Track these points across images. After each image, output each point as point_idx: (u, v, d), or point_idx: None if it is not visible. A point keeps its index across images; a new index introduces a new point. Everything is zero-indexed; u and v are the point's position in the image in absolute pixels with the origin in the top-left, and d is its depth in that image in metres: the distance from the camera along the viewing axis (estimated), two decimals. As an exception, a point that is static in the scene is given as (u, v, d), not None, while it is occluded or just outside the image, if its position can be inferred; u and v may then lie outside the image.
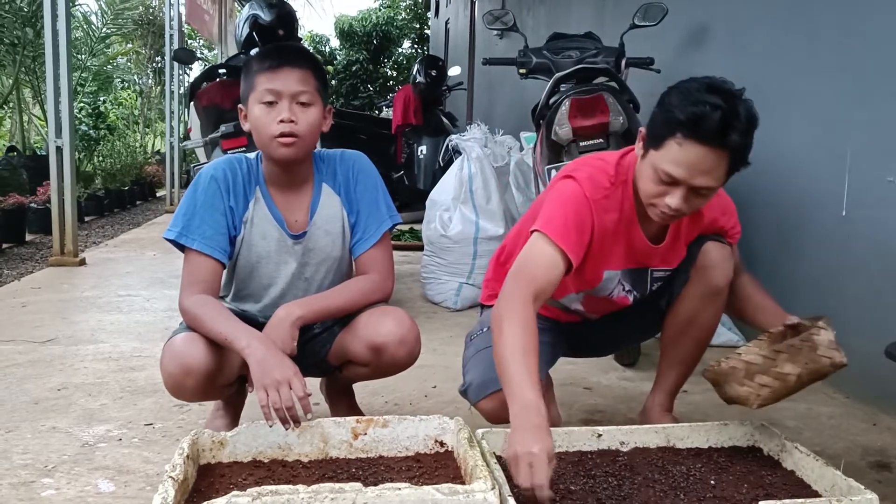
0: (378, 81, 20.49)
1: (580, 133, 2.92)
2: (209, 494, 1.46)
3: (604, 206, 1.76)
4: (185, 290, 1.82)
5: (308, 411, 1.64)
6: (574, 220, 1.71)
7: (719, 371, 1.73)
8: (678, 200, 1.63)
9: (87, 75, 9.94)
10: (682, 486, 1.58)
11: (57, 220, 4.80)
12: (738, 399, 1.71)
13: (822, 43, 2.81)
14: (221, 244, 1.86)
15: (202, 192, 1.86)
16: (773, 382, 1.65)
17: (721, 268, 1.87)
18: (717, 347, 2.91)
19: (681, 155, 1.58)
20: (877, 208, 2.51)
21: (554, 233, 1.69)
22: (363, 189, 1.97)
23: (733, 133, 1.55)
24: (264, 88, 1.81)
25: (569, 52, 3.35)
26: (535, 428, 1.43)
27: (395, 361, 1.91)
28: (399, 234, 5.98)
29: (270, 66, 1.82)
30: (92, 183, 8.47)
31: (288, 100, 1.81)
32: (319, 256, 1.95)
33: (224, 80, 3.84)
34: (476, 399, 1.83)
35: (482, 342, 1.93)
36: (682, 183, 1.61)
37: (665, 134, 1.60)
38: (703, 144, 1.56)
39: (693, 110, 1.55)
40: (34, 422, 2.22)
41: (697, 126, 1.55)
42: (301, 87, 1.82)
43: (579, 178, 1.76)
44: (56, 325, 3.37)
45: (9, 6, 7.63)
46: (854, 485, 1.47)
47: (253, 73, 1.85)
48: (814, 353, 1.63)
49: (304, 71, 1.84)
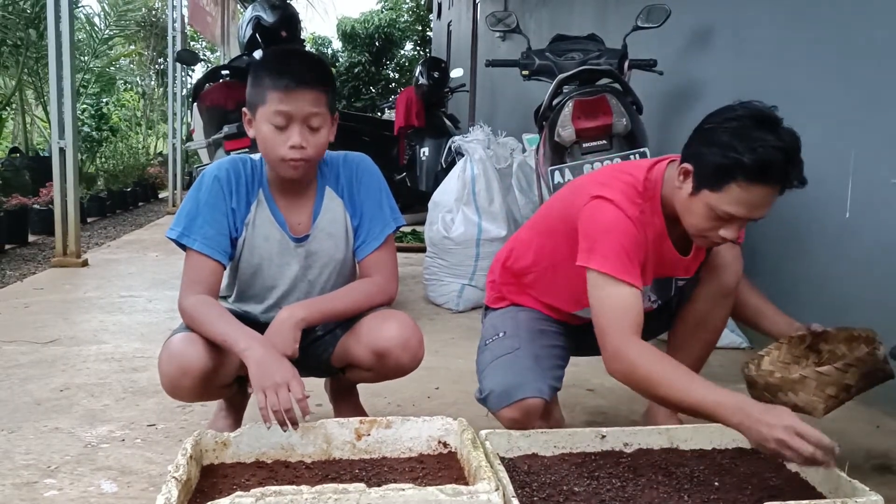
0: (380, 83, 20.51)
1: (583, 135, 2.92)
2: (212, 495, 1.46)
3: (641, 222, 1.75)
4: (184, 290, 1.82)
5: (307, 413, 1.63)
6: (628, 246, 1.70)
7: (786, 379, 1.72)
8: (734, 232, 1.66)
9: (90, 77, 9.97)
10: (686, 487, 1.58)
11: (59, 221, 4.80)
12: (805, 407, 1.70)
13: (826, 45, 2.81)
14: (223, 245, 1.85)
15: (205, 192, 1.86)
16: (839, 393, 1.68)
17: (732, 267, 1.90)
18: (722, 349, 2.90)
19: (744, 197, 1.58)
20: (880, 210, 2.51)
21: (617, 270, 1.68)
22: (366, 192, 1.97)
23: (795, 171, 1.57)
24: (276, 110, 1.76)
25: (572, 54, 3.35)
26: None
27: (399, 366, 1.90)
28: (401, 236, 5.98)
29: (286, 87, 1.75)
30: (94, 184, 8.48)
31: (299, 123, 1.77)
32: (322, 259, 1.95)
33: (227, 82, 3.84)
34: (498, 407, 1.81)
35: (499, 348, 1.91)
36: (741, 219, 1.63)
37: (725, 178, 1.59)
38: (769, 186, 1.57)
39: (757, 157, 1.54)
40: (37, 422, 2.22)
41: (764, 171, 1.55)
42: (313, 110, 1.78)
43: (615, 199, 1.73)
44: (58, 325, 3.37)
45: (12, 7, 7.65)
46: (859, 486, 1.47)
47: (265, 86, 1.77)
48: (875, 366, 1.69)
49: (317, 92, 1.78)
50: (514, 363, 1.84)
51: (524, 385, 1.78)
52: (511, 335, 1.91)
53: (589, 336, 2.07)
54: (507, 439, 1.71)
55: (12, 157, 7.97)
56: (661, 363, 1.59)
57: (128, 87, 14.28)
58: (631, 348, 1.62)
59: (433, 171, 6.19)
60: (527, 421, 1.78)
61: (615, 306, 1.67)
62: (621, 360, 1.63)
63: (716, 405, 1.51)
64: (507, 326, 1.95)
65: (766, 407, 1.49)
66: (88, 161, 9.05)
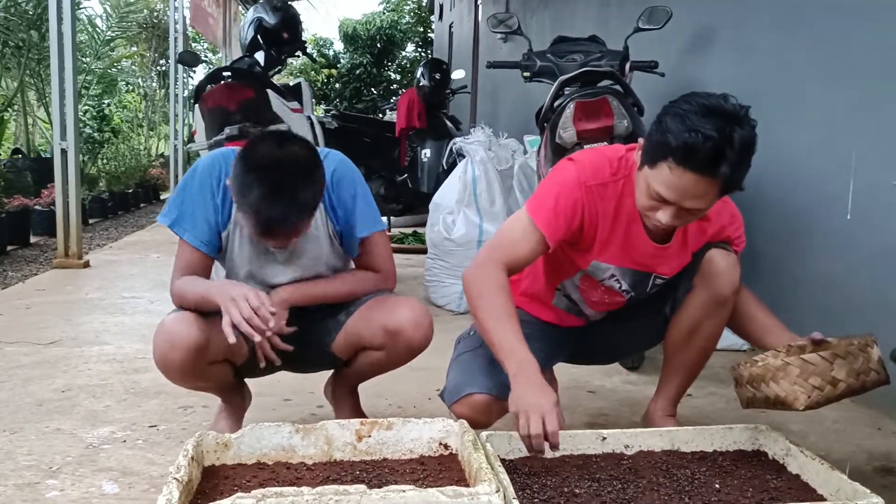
0: (382, 85, 20.52)
1: (584, 136, 2.91)
2: (213, 496, 1.46)
3: (599, 193, 1.76)
4: (175, 275, 1.91)
5: (268, 320, 1.71)
6: (563, 205, 1.75)
7: (767, 366, 1.68)
8: (669, 217, 1.64)
9: (92, 78, 9.98)
10: (687, 489, 1.58)
11: (61, 222, 4.81)
12: (786, 398, 1.65)
13: (827, 47, 2.81)
14: (210, 238, 1.90)
15: (197, 184, 1.88)
16: (824, 386, 1.63)
17: (727, 276, 1.86)
18: (723, 351, 2.90)
19: (672, 179, 1.57)
20: (881, 212, 2.50)
21: (538, 216, 1.75)
22: (345, 196, 1.95)
23: (724, 164, 1.53)
24: (254, 234, 1.79)
25: (573, 56, 3.35)
26: (538, 383, 1.56)
27: (410, 345, 1.94)
28: (402, 237, 5.99)
29: (262, 234, 1.76)
30: (96, 185, 8.50)
31: (279, 242, 1.82)
32: (308, 260, 1.97)
33: (229, 83, 3.84)
34: (449, 403, 1.84)
35: (464, 346, 1.94)
36: (672, 204, 1.62)
37: (658, 156, 1.59)
38: (694, 172, 1.55)
39: (685, 139, 1.53)
40: (38, 423, 2.22)
41: (688, 156, 1.53)
42: (295, 234, 1.80)
43: (580, 162, 1.79)
44: (60, 326, 3.37)
45: (14, 9, 7.66)
46: (860, 489, 1.47)
47: (242, 206, 1.73)
48: (867, 365, 1.65)
49: (299, 227, 1.78)
50: (472, 360, 1.86)
51: (472, 381, 1.79)
52: (478, 334, 1.90)
53: (588, 337, 2.08)
54: (509, 441, 1.70)
55: (14, 158, 7.98)
56: (495, 294, 1.68)
57: (129, 89, 14.30)
58: (488, 269, 1.72)
59: (434, 172, 6.19)
60: (476, 417, 1.77)
61: (512, 235, 1.78)
62: (475, 272, 1.73)
63: (507, 353, 1.61)
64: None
65: (539, 381, 1.57)
66: (90, 162, 9.07)
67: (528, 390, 1.55)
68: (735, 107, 1.56)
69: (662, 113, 1.62)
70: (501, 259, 1.73)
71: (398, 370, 2.06)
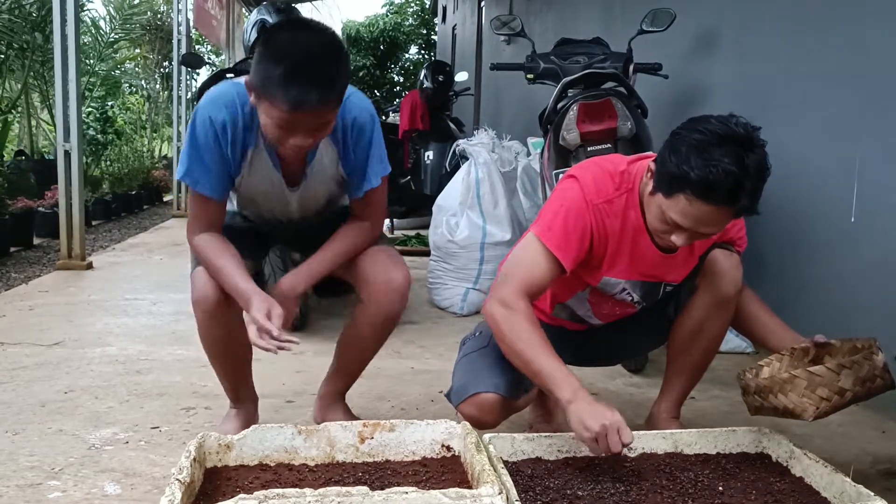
0: (385, 87, 20.54)
1: (588, 138, 2.91)
2: (216, 497, 1.46)
3: (605, 211, 1.75)
4: (191, 226, 1.95)
5: (286, 327, 1.78)
6: (573, 227, 1.73)
7: (776, 380, 1.70)
8: (684, 240, 1.66)
9: (96, 80, 9.99)
10: (690, 492, 1.57)
11: (64, 223, 4.81)
12: (794, 409, 1.67)
13: (831, 49, 2.81)
14: (223, 184, 1.93)
15: (202, 135, 1.85)
16: (832, 396, 1.64)
17: (730, 276, 1.86)
18: (726, 354, 2.89)
19: (689, 210, 1.58)
20: (886, 214, 2.50)
21: (550, 241, 1.72)
22: (361, 144, 1.95)
23: (743, 196, 1.54)
24: (281, 117, 1.68)
25: (576, 58, 3.35)
26: (597, 403, 1.59)
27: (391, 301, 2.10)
28: (406, 240, 5.99)
29: (293, 108, 1.65)
30: (99, 187, 8.50)
31: (304, 130, 1.72)
32: (317, 196, 2.04)
33: (232, 85, 3.84)
34: (456, 403, 1.83)
35: (470, 346, 1.94)
36: (688, 230, 1.63)
37: (675, 188, 1.59)
38: (714, 205, 1.56)
39: (704, 174, 1.53)
40: (41, 424, 2.23)
41: (709, 191, 1.54)
42: (321, 121, 1.73)
43: (583, 180, 1.77)
44: (63, 328, 3.38)
45: (18, 11, 7.67)
46: (864, 492, 1.46)
47: (271, 87, 1.66)
48: (873, 372, 1.65)
49: (327, 109, 1.72)
50: (478, 360, 1.86)
51: (479, 381, 1.78)
52: (485, 334, 1.90)
53: (592, 340, 2.07)
54: (511, 443, 1.70)
55: (18, 159, 7.98)
56: (525, 324, 1.67)
57: (133, 91, 14.31)
58: (510, 300, 1.70)
59: (438, 174, 6.19)
60: (484, 417, 1.78)
61: (527, 263, 1.75)
62: (498, 309, 1.71)
63: (558, 381, 1.62)
64: (485, 325, 1.96)
65: (595, 401, 1.60)
66: (93, 164, 9.06)
67: (596, 411, 1.56)
68: (746, 129, 1.56)
69: (675, 141, 1.61)
70: (520, 288, 1.71)
71: (398, 371, 2.06)
